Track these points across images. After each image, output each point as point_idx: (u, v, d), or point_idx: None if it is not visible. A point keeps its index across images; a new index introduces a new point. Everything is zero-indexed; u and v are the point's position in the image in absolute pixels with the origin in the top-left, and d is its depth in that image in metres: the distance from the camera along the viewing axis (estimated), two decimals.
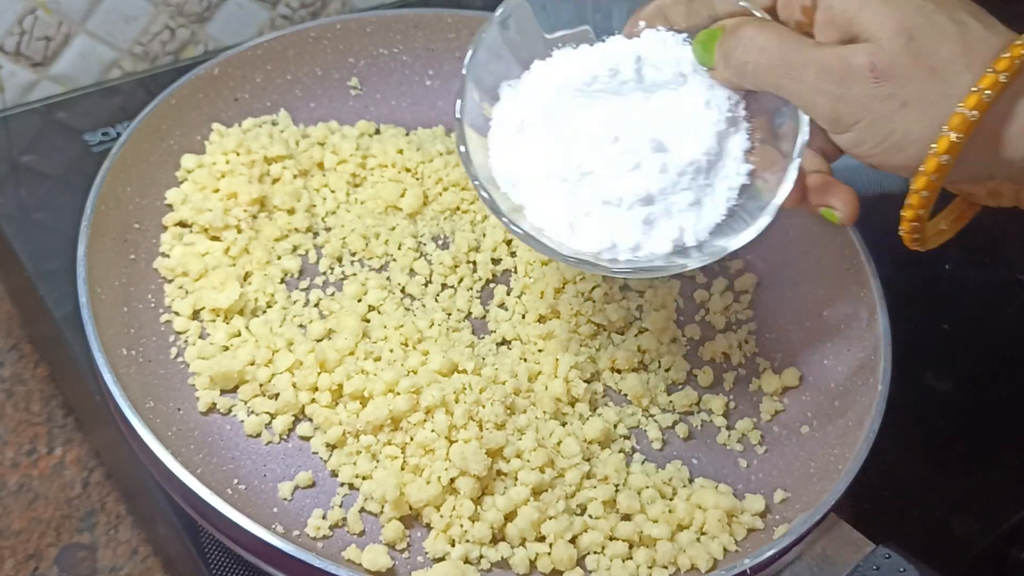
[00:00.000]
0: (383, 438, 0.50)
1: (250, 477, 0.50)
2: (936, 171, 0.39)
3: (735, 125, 0.46)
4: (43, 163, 0.67)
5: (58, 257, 0.58)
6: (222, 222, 0.57)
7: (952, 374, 0.64)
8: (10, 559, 0.58)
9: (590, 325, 0.58)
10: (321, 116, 0.67)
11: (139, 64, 0.77)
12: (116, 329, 0.52)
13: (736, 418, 0.57)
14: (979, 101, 0.37)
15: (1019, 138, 0.39)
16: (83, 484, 0.61)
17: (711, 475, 0.54)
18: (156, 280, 0.56)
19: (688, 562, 0.49)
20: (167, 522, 0.52)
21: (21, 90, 0.72)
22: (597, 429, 0.52)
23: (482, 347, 0.56)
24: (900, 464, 0.57)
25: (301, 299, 0.57)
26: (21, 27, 0.70)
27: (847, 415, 0.54)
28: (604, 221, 0.47)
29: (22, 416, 0.64)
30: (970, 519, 0.57)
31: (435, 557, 0.48)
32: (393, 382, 0.51)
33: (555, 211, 0.47)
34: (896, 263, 0.58)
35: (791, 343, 0.60)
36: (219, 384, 0.52)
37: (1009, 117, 0.38)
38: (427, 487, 0.48)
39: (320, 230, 0.61)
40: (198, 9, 0.77)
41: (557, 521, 0.48)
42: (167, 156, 0.60)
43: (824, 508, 0.48)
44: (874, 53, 0.39)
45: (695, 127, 0.46)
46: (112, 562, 0.58)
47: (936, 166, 0.39)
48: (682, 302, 0.62)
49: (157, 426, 0.47)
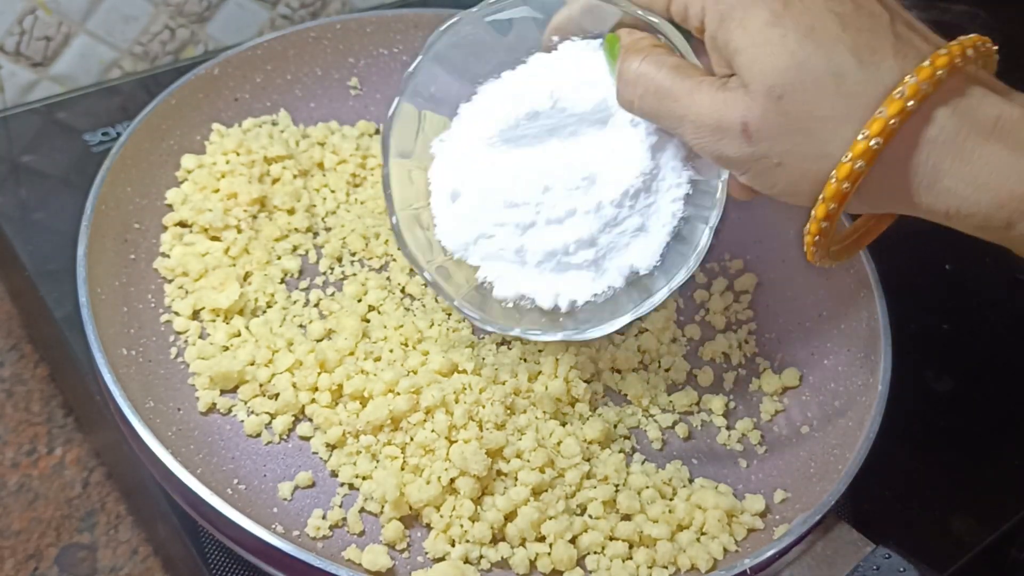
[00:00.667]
0: (383, 438, 0.50)
1: (250, 477, 0.50)
2: (827, 216, 0.38)
3: (667, 132, 0.44)
4: (43, 163, 0.67)
5: (58, 257, 0.58)
6: (222, 222, 0.57)
7: (952, 374, 0.64)
8: (10, 559, 0.58)
9: None
10: (321, 116, 0.67)
11: (139, 64, 0.77)
12: (116, 329, 0.52)
13: (736, 418, 0.57)
14: (865, 151, 0.35)
15: (925, 189, 0.36)
16: (83, 484, 0.61)
17: (711, 475, 0.54)
18: (156, 280, 0.56)
19: (688, 562, 0.49)
20: (167, 522, 0.52)
21: (21, 90, 0.72)
22: (597, 429, 0.52)
23: (482, 347, 0.56)
24: (900, 464, 0.57)
25: (301, 299, 0.57)
26: (21, 27, 0.70)
27: (847, 415, 0.54)
28: (553, 274, 0.47)
29: (22, 416, 0.64)
30: (970, 519, 0.57)
31: (435, 557, 0.48)
32: (393, 382, 0.51)
33: (505, 273, 0.48)
34: (896, 263, 0.58)
35: (791, 343, 0.60)
36: (219, 384, 0.52)
37: (908, 167, 0.36)
38: (427, 487, 0.48)
39: (320, 230, 0.61)
40: (198, 9, 0.77)
41: (557, 521, 0.48)
42: (167, 156, 0.60)
43: (824, 508, 0.48)
44: (747, 110, 0.37)
45: (625, 150, 0.45)
46: (112, 562, 0.58)
47: (825, 213, 0.38)
48: (682, 302, 0.62)
49: (157, 426, 0.47)
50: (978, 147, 0.35)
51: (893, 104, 0.35)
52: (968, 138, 0.35)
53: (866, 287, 0.57)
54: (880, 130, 0.35)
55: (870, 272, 0.57)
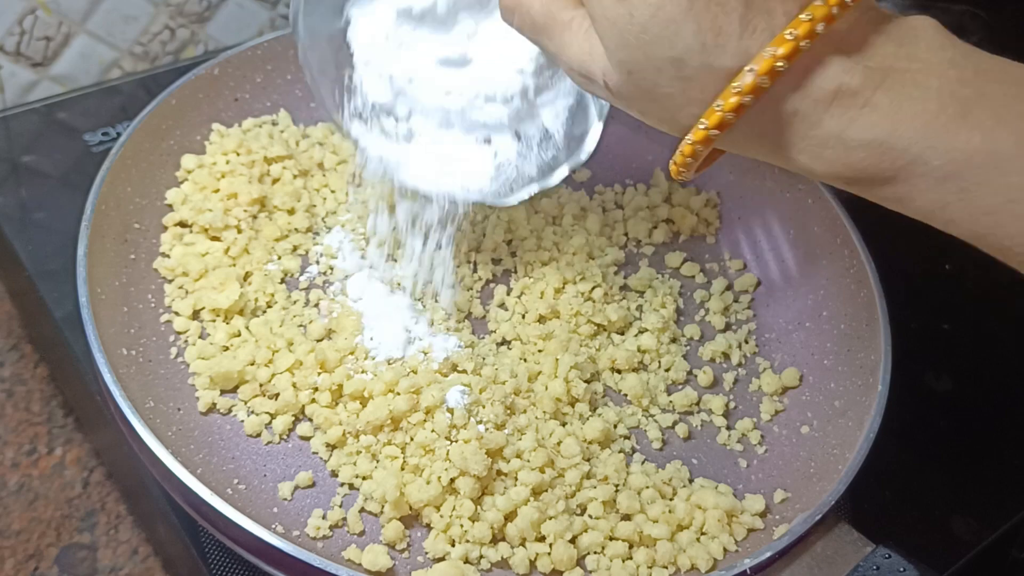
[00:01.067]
0: (383, 438, 0.50)
1: (250, 477, 0.50)
2: (695, 153, 0.38)
3: None
4: (43, 163, 0.67)
5: (58, 257, 0.58)
6: (222, 222, 0.57)
7: (952, 374, 0.64)
8: (10, 559, 0.58)
9: (590, 325, 0.58)
10: (321, 116, 0.67)
11: (139, 64, 0.77)
12: (116, 329, 0.52)
13: (736, 418, 0.57)
14: (703, 138, 0.37)
15: (778, 155, 0.37)
16: (83, 484, 0.61)
17: (711, 475, 0.54)
18: (156, 280, 0.56)
19: (688, 562, 0.49)
20: (167, 522, 0.52)
21: (21, 90, 0.72)
22: (597, 429, 0.52)
23: (482, 347, 0.56)
24: (900, 464, 0.57)
25: (301, 299, 0.57)
26: (21, 27, 0.70)
27: (847, 415, 0.54)
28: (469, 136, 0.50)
29: (22, 416, 0.64)
30: (970, 519, 0.57)
31: (435, 557, 0.48)
32: (393, 382, 0.51)
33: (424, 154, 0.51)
34: (896, 263, 0.58)
35: (791, 343, 0.60)
36: (219, 384, 0.52)
37: (755, 140, 0.37)
38: (427, 487, 0.48)
39: (320, 230, 0.61)
40: (198, 9, 0.77)
41: (557, 521, 0.48)
42: (167, 156, 0.60)
43: (824, 508, 0.48)
44: (606, 72, 0.38)
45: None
46: (112, 562, 0.58)
47: (692, 151, 0.38)
48: (682, 302, 0.62)
49: (157, 426, 0.47)
50: (818, 123, 0.36)
51: (729, 99, 0.36)
52: (809, 115, 0.36)
53: (866, 287, 0.57)
54: (717, 123, 0.36)
55: (870, 272, 0.57)
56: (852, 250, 0.59)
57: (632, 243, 0.65)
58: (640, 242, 0.65)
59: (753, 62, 0.35)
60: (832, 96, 0.35)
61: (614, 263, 0.62)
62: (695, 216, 0.66)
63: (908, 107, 0.35)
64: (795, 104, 0.36)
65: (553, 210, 0.64)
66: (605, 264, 0.61)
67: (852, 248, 0.59)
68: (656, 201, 0.66)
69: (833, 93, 0.35)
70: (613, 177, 0.68)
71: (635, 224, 0.65)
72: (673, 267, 0.64)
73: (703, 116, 0.37)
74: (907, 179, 0.36)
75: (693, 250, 0.65)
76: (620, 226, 0.65)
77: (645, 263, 0.63)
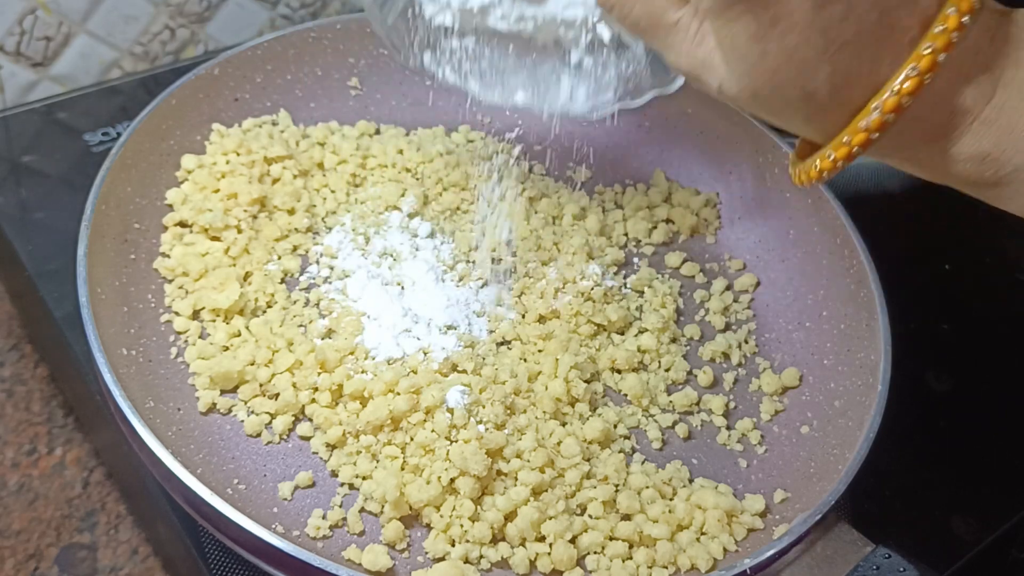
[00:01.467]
0: (383, 438, 0.50)
1: (250, 477, 0.50)
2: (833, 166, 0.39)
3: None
4: (43, 163, 0.67)
5: (58, 257, 0.58)
6: (222, 222, 0.57)
7: (952, 374, 0.64)
8: (10, 559, 0.58)
9: (590, 325, 0.58)
10: (321, 116, 0.67)
11: (139, 64, 0.77)
12: (116, 329, 0.52)
13: (736, 418, 0.57)
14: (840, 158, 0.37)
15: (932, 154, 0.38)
16: (83, 484, 0.61)
17: (711, 475, 0.54)
18: (156, 280, 0.56)
19: (688, 562, 0.49)
20: (167, 522, 0.52)
21: (21, 90, 0.72)
22: (597, 429, 0.52)
23: (482, 347, 0.56)
24: (900, 464, 0.57)
25: (301, 299, 0.57)
26: (21, 27, 0.70)
27: (847, 415, 0.54)
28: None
29: (22, 416, 0.64)
30: (970, 519, 0.57)
31: (435, 557, 0.48)
32: (393, 382, 0.51)
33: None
34: (896, 263, 0.58)
35: (791, 343, 0.60)
36: (219, 384, 0.52)
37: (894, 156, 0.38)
38: (427, 487, 0.48)
39: (320, 230, 0.61)
40: (198, 9, 0.77)
41: (557, 521, 0.48)
42: (167, 156, 0.60)
43: (824, 508, 0.48)
44: (723, 84, 0.38)
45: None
46: (112, 562, 0.58)
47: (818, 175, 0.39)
48: (682, 302, 0.62)
49: (157, 426, 0.47)
50: (931, 141, 0.37)
51: (856, 135, 0.37)
52: (925, 135, 0.37)
53: (866, 287, 0.57)
54: (845, 155, 0.37)
55: (870, 272, 0.57)
56: (852, 250, 0.59)
57: (632, 243, 0.65)
58: (640, 242, 0.65)
59: (879, 98, 0.36)
60: (948, 119, 0.36)
61: (614, 263, 0.62)
62: (695, 216, 0.66)
63: (1011, 119, 0.36)
64: (914, 131, 0.37)
65: (553, 210, 0.64)
66: (605, 264, 0.61)
67: (852, 248, 0.59)
68: (656, 201, 0.66)
69: (949, 115, 0.36)
70: (613, 177, 0.68)
71: (635, 224, 0.65)
72: (673, 267, 0.64)
73: (830, 149, 0.38)
74: (1009, 184, 0.37)
75: (693, 250, 0.65)
76: (620, 226, 0.65)
77: (645, 263, 0.63)
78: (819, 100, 0.37)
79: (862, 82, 0.36)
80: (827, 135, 0.38)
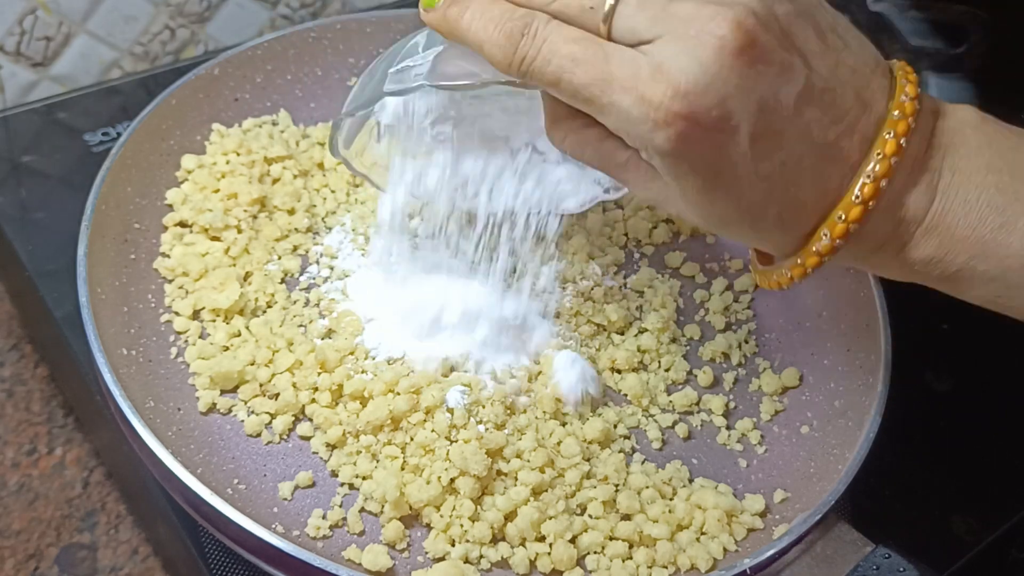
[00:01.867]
0: (383, 438, 0.50)
1: (250, 477, 0.50)
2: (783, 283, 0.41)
3: None
4: (43, 163, 0.67)
5: (58, 257, 0.58)
6: (222, 222, 0.57)
7: (952, 374, 0.64)
8: (10, 559, 0.58)
9: (590, 325, 0.58)
10: (321, 116, 0.67)
11: (139, 64, 0.77)
12: (116, 329, 0.52)
13: (736, 418, 0.57)
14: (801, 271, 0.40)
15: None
16: (83, 484, 0.61)
17: (711, 475, 0.54)
18: (156, 280, 0.56)
19: (688, 562, 0.49)
20: (167, 522, 0.52)
21: (21, 90, 0.72)
22: (597, 429, 0.52)
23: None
24: (900, 464, 0.57)
25: (301, 299, 0.57)
26: (21, 27, 0.70)
27: (847, 415, 0.54)
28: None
29: (22, 416, 0.64)
30: (970, 519, 0.57)
31: (435, 557, 0.48)
32: (393, 382, 0.51)
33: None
34: None
35: (791, 343, 0.60)
36: (219, 384, 0.52)
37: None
38: (427, 487, 0.48)
39: (320, 230, 0.61)
40: (198, 9, 0.77)
41: (557, 521, 0.48)
42: (167, 156, 0.60)
43: (824, 508, 0.48)
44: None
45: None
46: (112, 562, 0.58)
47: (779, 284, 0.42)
48: (682, 302, 0.62)
49: (157, 426, 0.47)
50: (879, 250, 0.39)
51: (809, 258, 0.39)
52: (875, 248, 0.39)
53: (866, 287, 0.57)
54: (800, 274, 0.40)
55: (870, 272, 0.57)
56: None
57: (632, 243, 0.65)
58: (640, 242, 0.65)
59: (827, 227, 0.38)
60: (894, 230, 0.38)
61: (614, 263, 0.62)
62: None
63: (950, 224, 0.38)
64: (864, 245, 0.39)
65: None
66: (605, 264, 0.61)
67: None
68: None
69: (895, 227, 0.38)
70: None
71: (635, 224, 0.65)
72: (673, 267, 0.64)
73: (789, 269, 0.40)
74: (959, 281, 0.39)
75: (693, 250, 0.65)
76: (620, 226, 0.65)
77: (645, 263, 0.63)
78: (770, 232, 0.39)
79: (809, 210, 0.38)
80: (784, 254, 0.40)
